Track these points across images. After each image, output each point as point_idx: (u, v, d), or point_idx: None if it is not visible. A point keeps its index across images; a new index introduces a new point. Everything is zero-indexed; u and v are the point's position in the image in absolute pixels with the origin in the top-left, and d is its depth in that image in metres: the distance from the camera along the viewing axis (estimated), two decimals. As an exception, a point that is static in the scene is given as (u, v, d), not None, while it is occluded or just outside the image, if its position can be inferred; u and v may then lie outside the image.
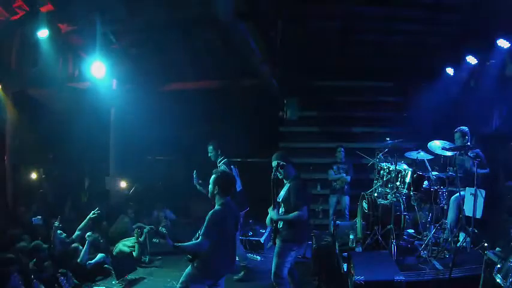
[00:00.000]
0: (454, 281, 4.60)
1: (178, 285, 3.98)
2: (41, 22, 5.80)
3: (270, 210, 4.57)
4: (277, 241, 4.56)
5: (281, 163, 4.51)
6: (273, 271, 4.54)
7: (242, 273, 6.08)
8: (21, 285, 4.47)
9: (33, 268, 5.04)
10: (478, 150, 5.66)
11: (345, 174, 7.91)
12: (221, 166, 6.10)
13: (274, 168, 4.53)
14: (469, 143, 5.74)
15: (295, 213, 4.36)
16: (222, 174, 4.10)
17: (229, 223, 3.96)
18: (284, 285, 4.55)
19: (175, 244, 3.81)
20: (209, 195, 4.11)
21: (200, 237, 3.82)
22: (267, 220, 4.71)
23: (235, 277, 5.99)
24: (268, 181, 4.60)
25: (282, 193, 4.56)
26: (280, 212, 4.53)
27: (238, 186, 6.16)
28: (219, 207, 3.96)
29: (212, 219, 3.83)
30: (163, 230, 3.99)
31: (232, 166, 6.29)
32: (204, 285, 3.94)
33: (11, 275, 4.39)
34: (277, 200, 4.58)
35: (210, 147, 6.26)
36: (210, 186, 4.06)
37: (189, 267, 3.98)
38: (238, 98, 9.62)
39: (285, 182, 4.62)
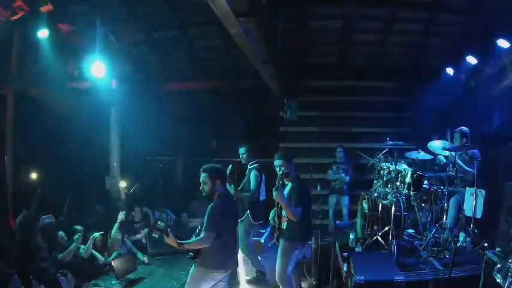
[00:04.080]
0: (454, 281, 4.58)
1: (186, 287, 3.94)
2: (41, 22, 5.80)
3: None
4: (281, 241, 4.57)
5: (286, 171, 4.45)
6: (278, 270, 4.54)
7: (255, 274, 5.89)
8: (20, 287, 4.46)
9: (33, 268, 5.03)
10: (476, 150, 5.64)
11: (343, 174, 7.90)
12: (252, 171, 5.73)
13: (279, 177, 4.42)
14: (468, 144, 5.74)
15: (293, 209, 4.33)
16: (212, 169, 3.98)
17: (229, 215, 3.91)
18: (289, 285, 4.57)
19: (179, 242, 3.72)
20: (205, 194, 3.98)
21: (202, 232, 3.76)
22: (270, 218, 4.71)
23: (247, 277, 5.87)
24: (268, 181, 4.57)
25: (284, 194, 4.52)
26: (283, 214, 4.53)
27: (262, 196, 5.86)
28: (218, 200, 3.89)
29: (212, 213, 3.78)
30: (161, 224, 3.94)
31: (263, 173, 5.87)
32: (210, 283, 3.85)
33: (11, 277, 4.38)
34: None
35: (242, 149, 5.86)
36: (205, 185, 3.91)
37: (193, 267, 3.93)
38: (238, 98, 9.62)
39: (286, 183, 4.63)
